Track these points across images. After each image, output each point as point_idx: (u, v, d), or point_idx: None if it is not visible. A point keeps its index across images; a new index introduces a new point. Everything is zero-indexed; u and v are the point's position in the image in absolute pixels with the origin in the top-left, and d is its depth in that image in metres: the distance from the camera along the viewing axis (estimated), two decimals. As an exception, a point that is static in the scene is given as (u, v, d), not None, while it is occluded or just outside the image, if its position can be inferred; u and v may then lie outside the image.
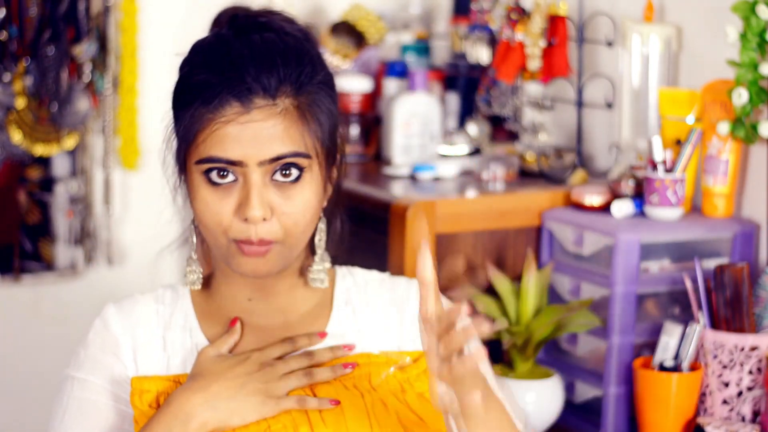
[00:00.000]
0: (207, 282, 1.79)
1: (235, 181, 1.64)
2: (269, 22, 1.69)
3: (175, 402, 1.63)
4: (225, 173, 1.63)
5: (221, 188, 1.64)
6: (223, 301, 1.76)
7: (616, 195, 2.50)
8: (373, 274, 1.85)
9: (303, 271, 1.77)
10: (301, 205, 1.65)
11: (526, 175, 2.73)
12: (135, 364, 1.73)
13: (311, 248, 1.76)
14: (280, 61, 1.64)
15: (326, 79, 1.70)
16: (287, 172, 1.64)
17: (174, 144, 1.70)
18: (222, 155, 1.62)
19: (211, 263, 1.79)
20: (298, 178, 1.64)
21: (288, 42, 1.67)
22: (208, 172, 1.64)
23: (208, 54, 1.67)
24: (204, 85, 1.63)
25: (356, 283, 1.82)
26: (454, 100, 3.05)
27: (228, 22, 1.70)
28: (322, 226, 1.74)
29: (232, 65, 1.63)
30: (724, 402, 2.26)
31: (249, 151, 1.61)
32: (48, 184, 3.06)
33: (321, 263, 1.75)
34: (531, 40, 2.74)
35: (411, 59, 3.11)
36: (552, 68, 2.75)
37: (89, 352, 1.72)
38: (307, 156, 1.64)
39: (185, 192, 1.72)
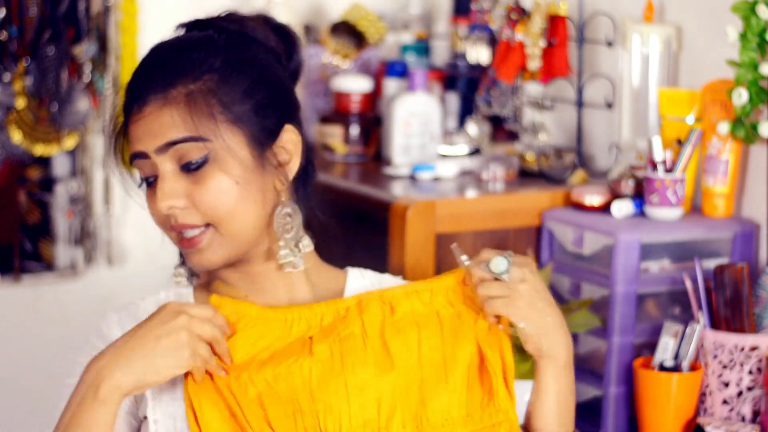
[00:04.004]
0: (209, 283, 1.79)
1: (157, 177, 1.69)
2: (216, 21, 1.75)
3: (87, 368, 1.61)
4: (148, 173, 1.70)
5: (151, 187, 1.70)
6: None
7: (616, 195, 2.51)
8: (386, 276, 1.85)
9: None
10: (212, 190, 1.67)
11: (526, 175, 2.73)
12: None
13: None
14: (172, 58, 1.70)
15: (230, 64, 1.70)
16: (190, 159, 1.66)
17: None
18: (132, 151, 1.70)
19: None
20: (203, 164, 1.66)
21: (199, 37, 1.73)
22: (141, 177, 1.71)
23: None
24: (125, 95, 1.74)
25: (370, 285, 1.82)
26: (454, 100, 3.05)
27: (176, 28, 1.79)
28: (287, 210, 1.72)
29: (138, 70, 1.72)
30: (724, 402, 2.26)
31: (146, 142, 1.68)
32: (48, 184, 3.06)
33: (286, 247, 1.73)
34: (531, 40, 2.74)
35: (411, 59, 3.11)
36: (552, 68, 2.75)
37: (85, 361, 1.73)
38: (202, 140, 1.66)
39: None
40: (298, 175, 1.76)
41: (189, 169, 1.67)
